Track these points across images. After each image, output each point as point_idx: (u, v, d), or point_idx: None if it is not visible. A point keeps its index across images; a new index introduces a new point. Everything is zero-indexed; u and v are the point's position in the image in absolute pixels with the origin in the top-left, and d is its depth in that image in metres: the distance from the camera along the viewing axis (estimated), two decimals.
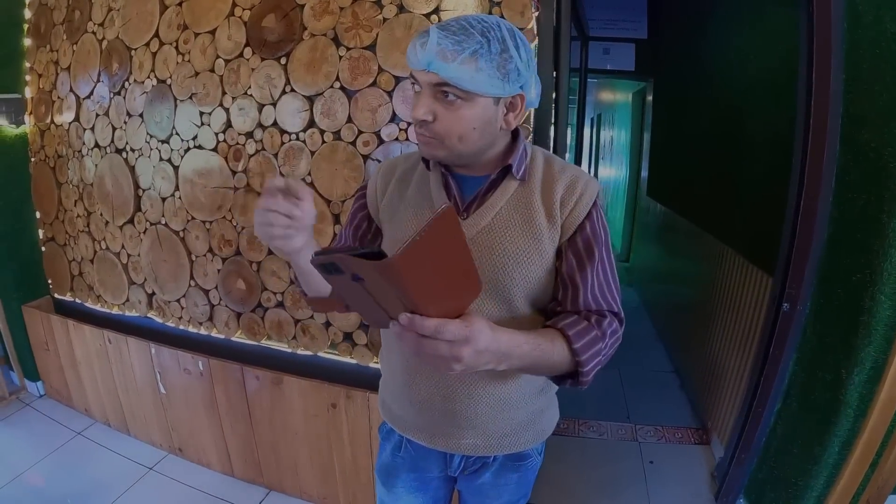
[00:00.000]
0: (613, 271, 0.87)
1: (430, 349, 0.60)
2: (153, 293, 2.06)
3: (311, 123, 1.60)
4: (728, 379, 2.11)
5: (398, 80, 1.48)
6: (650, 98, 3.94)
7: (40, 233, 2.43)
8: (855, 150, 1.44)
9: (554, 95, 1.50)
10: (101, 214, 2.11)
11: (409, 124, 1.49)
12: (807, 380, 1.60)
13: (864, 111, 1.41)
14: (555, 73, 1.48)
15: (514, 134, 0.88)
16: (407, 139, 1.51)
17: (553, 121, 1.51)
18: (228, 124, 1.72)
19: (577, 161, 2.69)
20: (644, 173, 4.23)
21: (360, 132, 1.55)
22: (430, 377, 0.90)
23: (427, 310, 0.57)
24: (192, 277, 1.92)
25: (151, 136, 1.89)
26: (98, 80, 2.01)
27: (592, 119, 7.15)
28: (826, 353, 1.53)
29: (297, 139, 1.63)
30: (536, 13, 1.39)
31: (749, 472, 1.81)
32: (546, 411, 1.00)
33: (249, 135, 1.69)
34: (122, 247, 2.09)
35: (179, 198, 1.87)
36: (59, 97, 2.17)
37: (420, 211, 0.88)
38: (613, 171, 5.81)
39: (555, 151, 1.54)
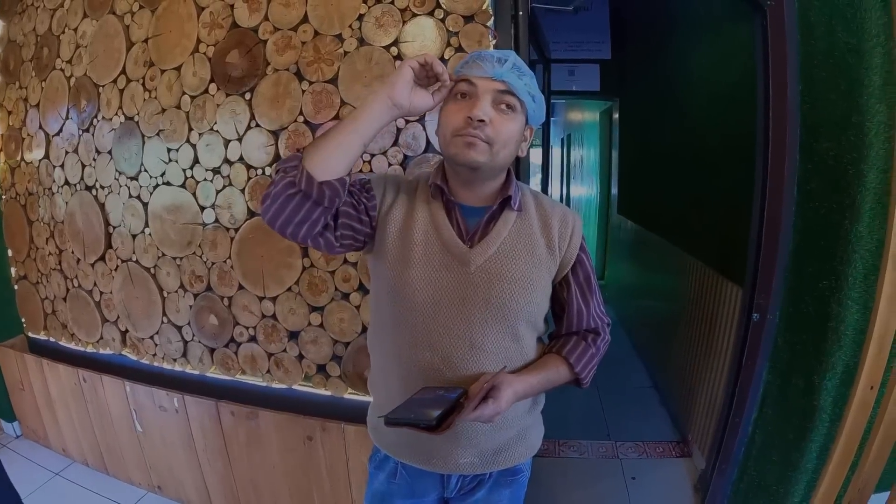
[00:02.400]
0: (599, 289, 1.03)
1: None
2: (126, 330, 2.03)
3: (277, 157, 1.60)
4: (706, 390, 2.13)
5: None
6: (616, 117, 4.01)
7: (13, 271, 2.40)
8: (815, 160, 1.48)
9: None
10: (73, 252, 2.09)
11: (372, 156, 1.50)
12: (781, 387, 1.62)
13: (821, 121, 1.45)
14: None
15: (508, 173, 0.96)
16: (371, 171, 1.52)
17: None
18: (196, 160, 1.72)
19: (546, 181, 2.72)
20: (614, 191, 4.28)
21: None
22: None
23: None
24: (164, 314, 1.91)
25: (120, 173, 1.89)
26: (67, 117, 2.01)
27: (562, 139, 7.21)
28: (798, 360, 1.56)
29: (264, 174, 1.63)
30: (494, 41, 1.42)
31: (731, 482, 1.81)
32: (534, 427, 1.06)
33: (217, 170, 1.69)
34: (95, 284, 2.06)
35: (150, 234, 1.86)
36: (28, 134, 2.16)
37: (428, 238, 0.92)
38: (585, 190, 5.86)
39: (518, 173, 1.55)
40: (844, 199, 1.41)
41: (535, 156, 2.06)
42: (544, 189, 2.59)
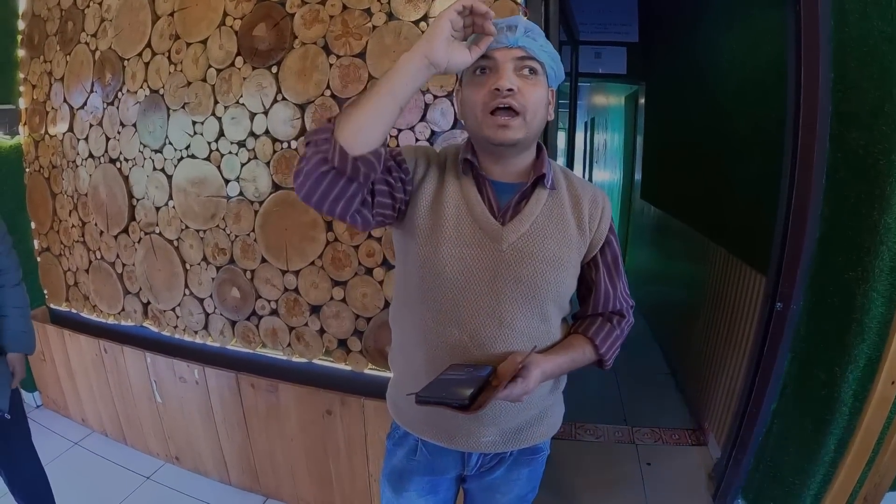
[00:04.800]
0: (625, 271, 1.02)
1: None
2: (148, 302, 2.06)
3: (304, 131, 1.61)
4: (724, 379, 2.12)
5: None
6: (642, 101, 3.96)
7: (35, 243, 2.43)
8: (845, 149, 1.45)
9: None
10: (96, 224, 2.12)
11: (399, 131, 1.50)
12: (802, 378, 1.61)
13: (852, 109, 1.42)
14: None
15: (538, 148, 0.94)
16: (398, 146, 1.52)
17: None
18: (221, 133, 1.72)
19: (570, 165, 2.70)
20: (638, 176, 4.24)
21: None
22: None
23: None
24: (186, 286, 1.93)
25: (145, 146, 1.90)
26: (91, 91, 2.02)
27: (586, 123, 7.15)
28: (820, 351, 1.54)
29: (290, 147, 1.63)
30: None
31: (746, 472, 1.81)
32: (556, 406, 1.05)
33: (242, 143, 1.69)
34: (117, 256, 2.09)
35: (173, 207, 1.87)
36: (53, 108, 2.18)
37: (459, 214, 0.90)
38: (608, 175, 5.82)
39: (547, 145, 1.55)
40: (874, 189, 1.38)
41: (560, 139, 2.04)
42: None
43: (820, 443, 1.54)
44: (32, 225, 2.41)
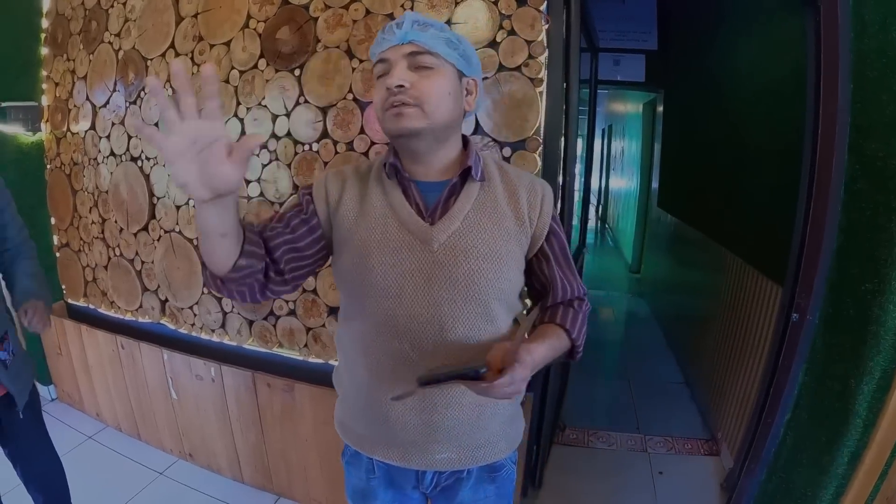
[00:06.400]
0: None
1: (495, 396, 0.75)
2: (166, 300, 2.08)
3: (325, 134, 1.62)
4: (738, 389, 2.11)
5: None
6: (661, 109, 3.96)
7: (55, 238, 2.46)
8: (863, 160, 1.44)
9: (564, 107, 1.51)
10: (116, 221, 2.14)
11: None
12: (816, 390, 1.60)
13: (871, 121, 1.41)
14: (564, 84, 1.49)
15: (465, 141, 0.93)
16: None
17: (563, 132, 1.52)
18: (243, 134, 1.74)
19: (587, 172, 2.69)
20: (655, 184, 4.24)
21: (373, 143, 1.57)
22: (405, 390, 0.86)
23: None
24: (205, 285, 1.94)
25: None
26: (114, 90, 2.05)
27: (603, 130, 7.16)
28: (835, 363, 1.53)
29: (311, 149, 1.65)
30: (547, 26, 1.41)
31: (759, 484, 1.80)
32: (516, 419, 1.02)
33: (263, 145, 1.71)
34: (136, 254, 2.11)
35: (193, 206, 1.89)
36: (75, 105, 2.21)
37: (386, 220, 0.86)
38: (624, 182, 5.81)
39: (565, 162, 1.56)
40: (892, 200, 1.37)
41: (577, 146, 2.04)
42: (585, 180, 2.56)
43: (833, 454, 1.53)
44: (52, 220, 2.44)
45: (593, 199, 9.45)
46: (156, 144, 0.60)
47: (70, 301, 2.49)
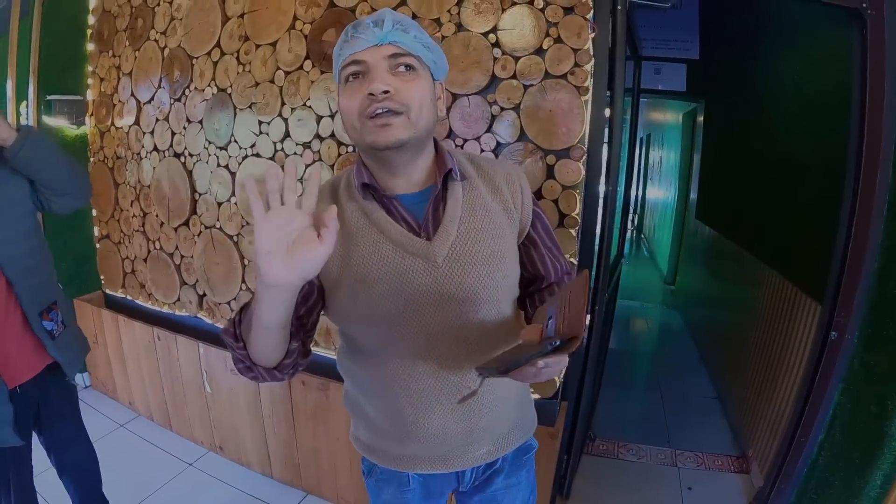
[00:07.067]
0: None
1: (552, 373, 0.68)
2: (204, 294, 2.12)
3: None
4: (771, 407, 2.07)
5: (456, 97, 1.50)
6: (701, 119, 3.89)
7: (95, 230, 2.52)
8: None
9: (608, 114, 1.50)
10: (157, 215, 2.19)
11: (465, 140, 1.51)
12: (852, 410, 1.57)
13: None
14: (609, 92, 1.48)
15: (435, 145, 0.88)
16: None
17: (607, 140, 1.51)
18: (287, 134, 1.76)
19: (627, 182, 2.66)
20: (693, 195, 4.18)
21: None
22: (444, 406, 0.86)
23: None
24: (243, 281, 1.97)
25: (210, 143, 1.95)
26: (159, 87, 2.09)
27: (641, 139, 7.08)
28: (873, 384, 1.50)
29: (354, 151, 1.66)
30: (593, 34, 1.39)
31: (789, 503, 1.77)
32: (527, 399, 1.05)
33: (307, 145, 1.73)
34: (176, 248, 2.15)
35: (235, 203, 1.92)
36: (120, 101, 2.26)
37: (378, 247, 0.81)
38: (661, 193, 5.74)
39: (608, 172, 1.54)
40: None
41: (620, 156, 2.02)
42: (624, 190, 2.51)
43: (866, 477, 1.50)
44: (94, 212, 2.50)
45: (631, 209, 9.35)
46: (255, 216, 0.62)
47: (108, 291, 2.55)
